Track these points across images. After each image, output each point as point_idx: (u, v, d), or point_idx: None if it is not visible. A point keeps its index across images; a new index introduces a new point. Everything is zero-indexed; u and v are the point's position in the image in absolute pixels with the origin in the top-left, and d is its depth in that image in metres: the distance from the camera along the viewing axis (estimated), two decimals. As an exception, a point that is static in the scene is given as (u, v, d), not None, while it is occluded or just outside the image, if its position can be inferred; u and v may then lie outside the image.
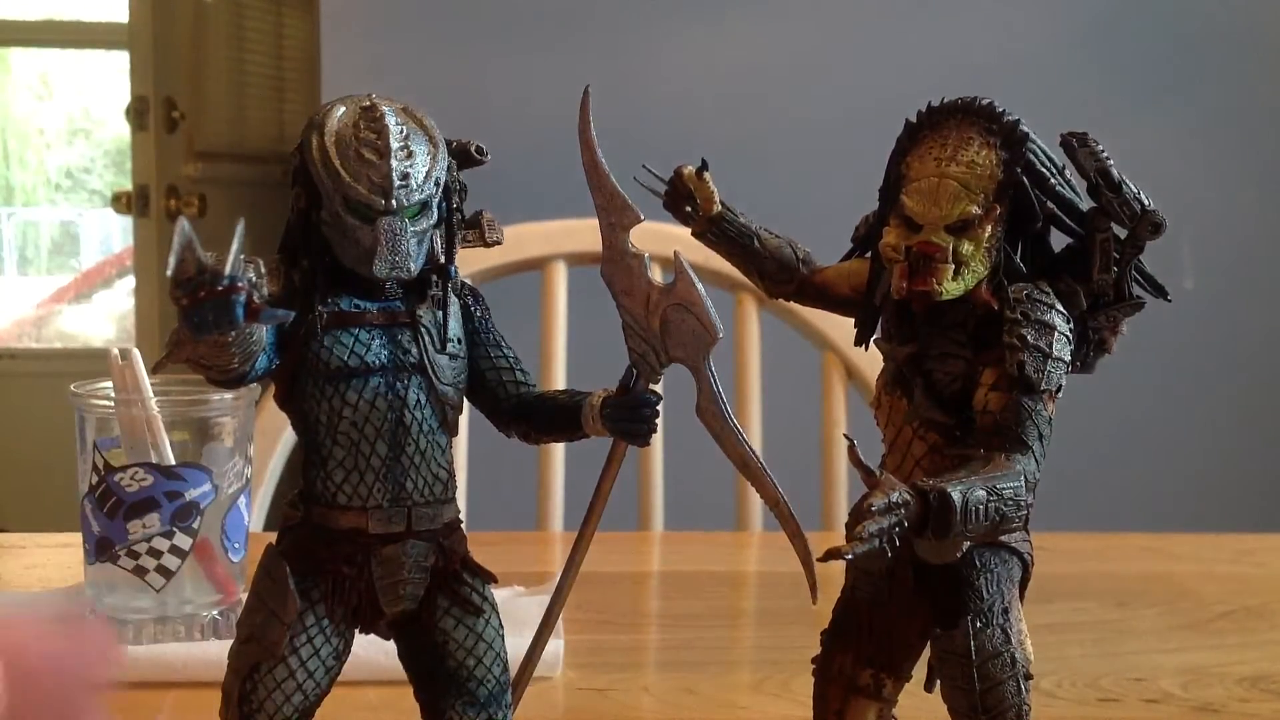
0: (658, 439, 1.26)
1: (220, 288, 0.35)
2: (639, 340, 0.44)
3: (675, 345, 0.44)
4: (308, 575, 0.41)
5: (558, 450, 1.23)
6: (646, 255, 0.44)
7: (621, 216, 0.44)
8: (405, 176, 0.41)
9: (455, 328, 0.43)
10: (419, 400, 0.42)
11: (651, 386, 0.45)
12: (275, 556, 0.42)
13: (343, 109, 0.41)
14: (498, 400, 0.45)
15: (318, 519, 0.40)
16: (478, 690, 0.44)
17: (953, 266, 0.43)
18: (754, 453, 0.45)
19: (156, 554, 0.74)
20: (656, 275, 0.44)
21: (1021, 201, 0.44)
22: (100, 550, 0.75)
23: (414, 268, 0.41)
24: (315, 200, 0.41)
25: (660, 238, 1.29)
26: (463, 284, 0.45)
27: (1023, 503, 0.41)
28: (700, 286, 0.43)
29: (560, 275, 1.28)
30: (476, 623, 0.44)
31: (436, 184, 0.42)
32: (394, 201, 0.40)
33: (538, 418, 0.46)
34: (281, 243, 0.42)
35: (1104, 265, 0.45)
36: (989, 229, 0.44)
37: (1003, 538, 0.45)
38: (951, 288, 0.43)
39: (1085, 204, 0.45)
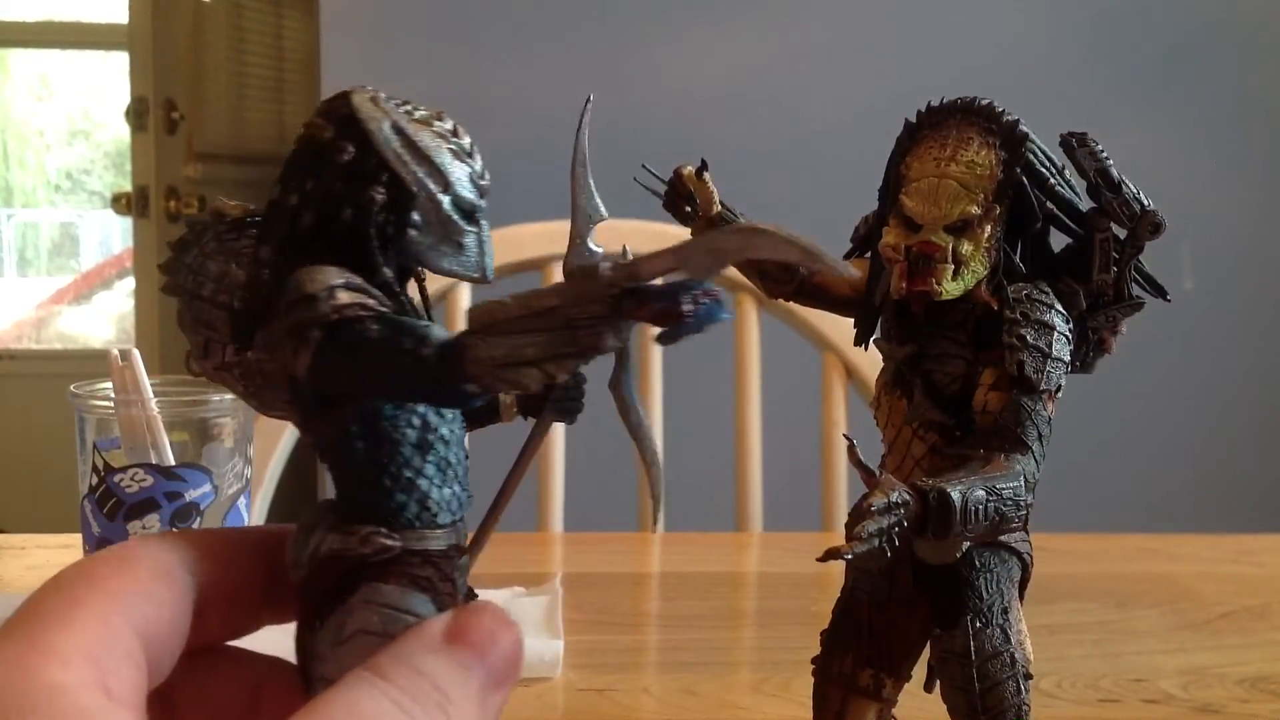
0: (658, 439, 1.26)
1: (712, 288, 0.33)
2: None
3: None
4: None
5: (558, 450, 1.23)
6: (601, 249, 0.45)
7: (595, 214, 0.45)
8: (488, 178, 0.39)
9: None
10: None
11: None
12: (398, 591, 0.37)
13: (370, 100, 0.38)
14: None
15: (416, 543, 0.38)
16: None
17: (952, 266, 0.43)
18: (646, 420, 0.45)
19: (156, 555, 0.74)
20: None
21: (1021, 201, 0.44)
22: (100, 551, 0.75)
23: None
24: (400, 202, 0.37)
25: (660, 238, 1.29)
26: None
27: (1022, 503, 0.41)
28: None
29: (559, 275, 1.28)
30: None
31: None
32: (485, 202, 0.39)
33: None
34: (348, 249, 0.37)
35: (1103, 265, 0.45)
36: (988, 229, 0.44)
37: (1002, 538, 0.45)
38: (951, 288, 0.43)
39: (1085, 204, 0.45)
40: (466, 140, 0.38)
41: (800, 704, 0.55)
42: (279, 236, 0.37)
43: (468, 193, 0.38)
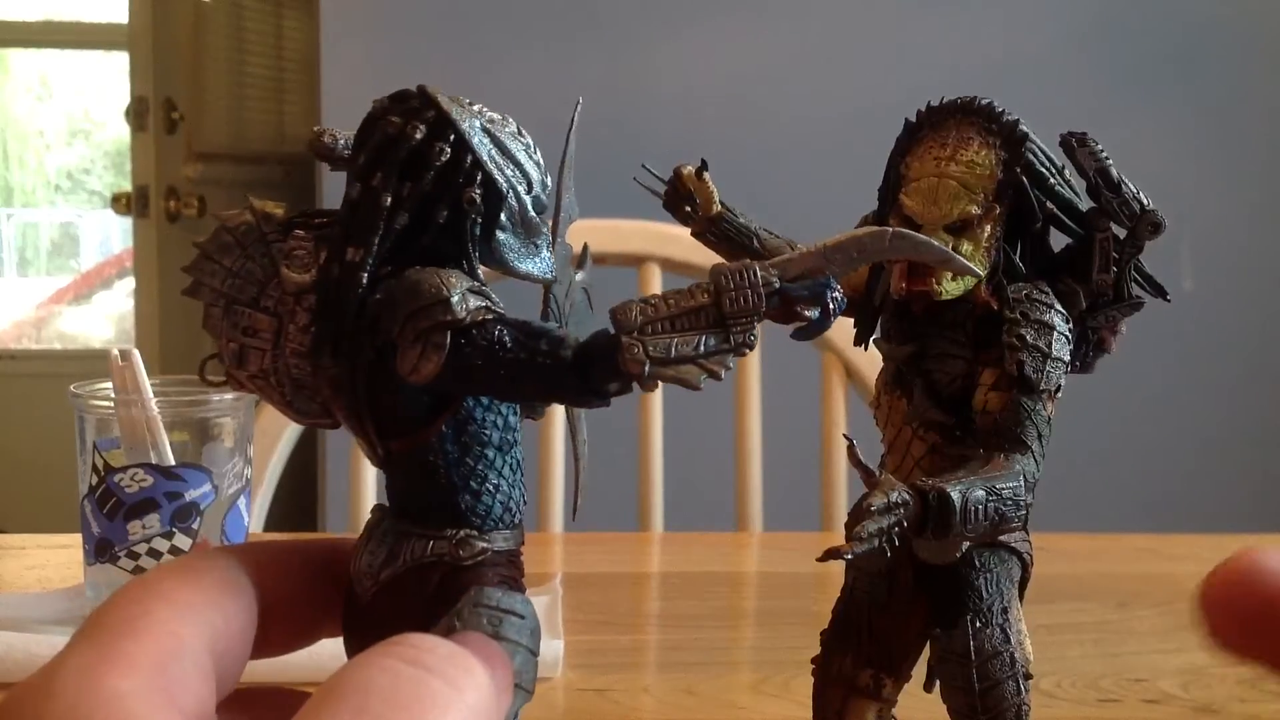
0: (658, 439, 1.26)
1: (837, 284, 0.35)
2: (556, 321, 0.45)
3: (576, 324, 0.44)
4: None
5: (558, 450, 1.23)
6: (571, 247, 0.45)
7: (573, 213, 0.45)
8: (550, 179, 0.39)
9: None
10: None
11: None
12: (501, 592, 0.37)
13: (452, 100, 0.38)
14: None
15: (501, 543, 0.38)
16: None
17: (952, 266, 0.43)
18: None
19: (156, 555, 0.74)
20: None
21: (1021, 201, 0.44)
22: (100, 551, 0.75)
23: None
24: (491, 204, 0.37)
25: (660, 238, 1.29)
26: None
27: (1022, 502, 0.41)
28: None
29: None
30: None
31: None
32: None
33: None
34: (442, 251, 0.37)
35: (1103, 265, 0.45)
36: (988, 229, 0.44)
37: (1002, 538, 0.45)
38: (951, 288, 0.43)
39: (1085, 204, 0.45)
40: (530, 140, 0.38)
41: (800, 704, 0.55)
42: (370, 238, 0.36)
43: (541, 193, 0.38)
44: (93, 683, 0.30)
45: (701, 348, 0.35)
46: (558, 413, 0.46)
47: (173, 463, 0.75)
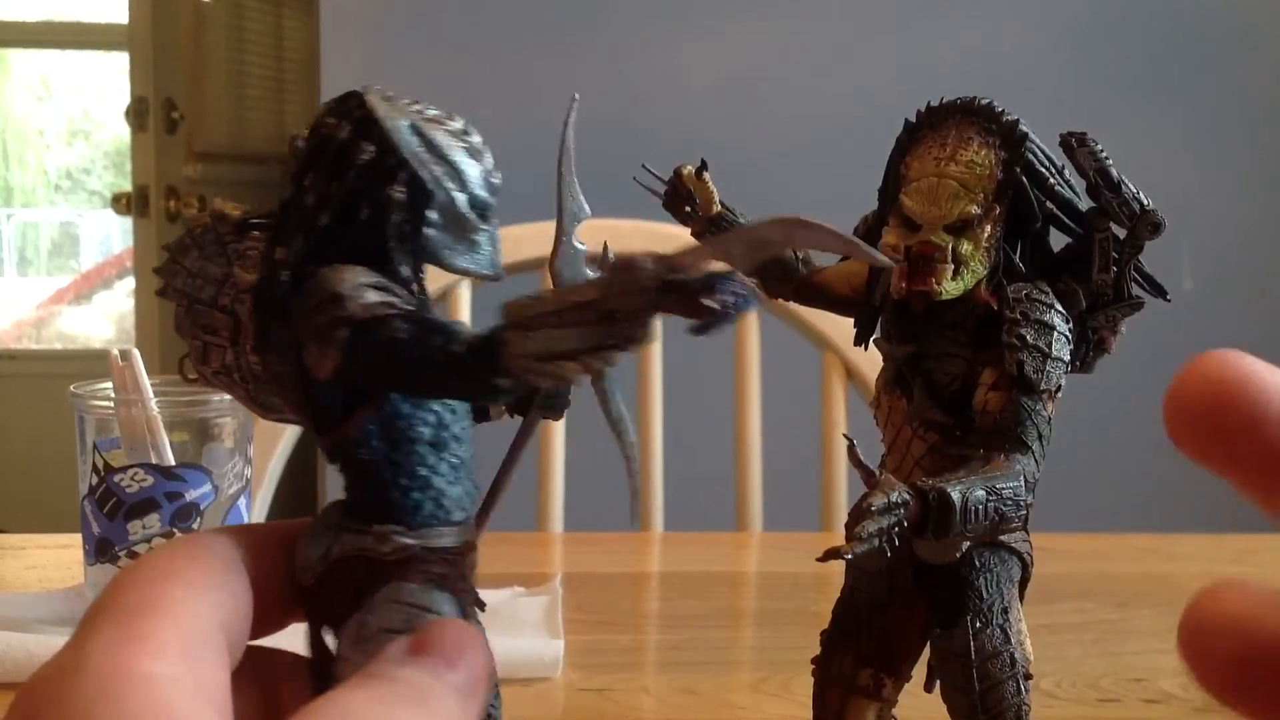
0: (658, 439, 1.26)
1: (739, 277, 0.34)
2: None
3: None
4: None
5: (558, 450, 1.23)
6: (585, 247, 0.45)
7: (580, 212, 0.45)
8: (499, 177, 0.39)
9: None
10: None
11: None
12: (420, 589, 0.37)
13: (385, 100, 0.38)
14: None
15: (434, 540, 0.38)
16: None
17: (952, 266, 0.43)
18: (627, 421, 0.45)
19: (156, 554, 0.74)
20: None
21: (1021, 201, 0.44)
22: (100, 551, 0.75)
23: None
24: (418, 201, 0.37)
25: (660, 238, 1.30)
26: None
27: (1022, 502, 0.41)
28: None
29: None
30: None
31: None
32: (496, 201, 0.39)
33: None
34: (366, 248, 0.37)
35: (1103, 265, 0.45)
36: (988, 229, 0.44)
37: (1002, 537, 0.45)
38: (951, 288, 0.43)
39: (1084, 204, 0.45)
40: (477, 139, 0.38)
41: (800, 704, 0.55)
42: (295, 237, 0.37)
43: (481, 191, 0.38)
44: (122, 663, 0.30)
45: (584, 343, 0.34)
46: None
47: (173, 463, 0.75)
